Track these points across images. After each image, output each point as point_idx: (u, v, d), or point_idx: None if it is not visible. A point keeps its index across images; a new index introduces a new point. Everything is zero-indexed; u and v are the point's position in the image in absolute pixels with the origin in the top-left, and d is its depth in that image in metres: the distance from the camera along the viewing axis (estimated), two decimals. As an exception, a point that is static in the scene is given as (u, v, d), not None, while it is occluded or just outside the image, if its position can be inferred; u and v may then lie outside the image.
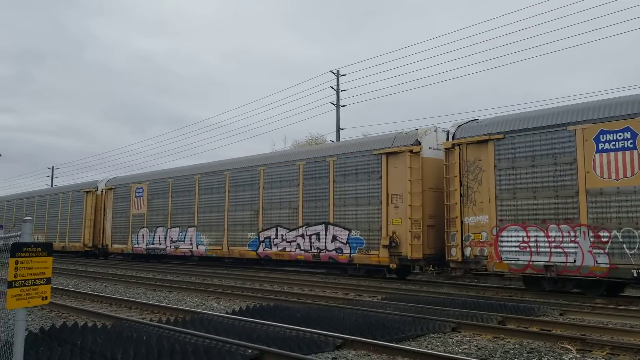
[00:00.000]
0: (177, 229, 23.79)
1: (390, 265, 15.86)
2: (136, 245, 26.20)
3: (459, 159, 14.37)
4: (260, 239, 19.83)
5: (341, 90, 32.45)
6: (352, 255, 16.85)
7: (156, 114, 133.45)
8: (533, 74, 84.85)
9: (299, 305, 10.70)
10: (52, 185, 60.54)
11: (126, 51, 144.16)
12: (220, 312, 9.74)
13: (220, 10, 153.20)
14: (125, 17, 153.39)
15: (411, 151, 15.59)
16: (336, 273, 18.40)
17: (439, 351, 6.70)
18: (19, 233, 4.38)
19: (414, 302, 10.91)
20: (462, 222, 14.18)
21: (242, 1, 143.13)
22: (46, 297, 4.35)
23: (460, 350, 6.89)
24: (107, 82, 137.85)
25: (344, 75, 32.63)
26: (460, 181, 14.31)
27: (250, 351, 6.24)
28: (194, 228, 22.89)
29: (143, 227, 25.86)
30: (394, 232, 15.73)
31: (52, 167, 66.18)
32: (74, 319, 9.08)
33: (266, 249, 19.54)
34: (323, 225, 17.76)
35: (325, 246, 17.56)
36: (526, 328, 8.24)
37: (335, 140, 30.46)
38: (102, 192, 29.40)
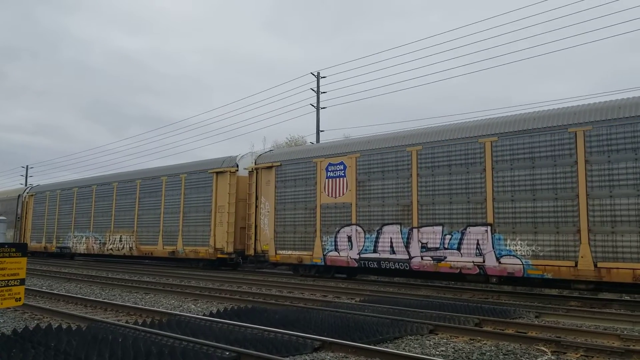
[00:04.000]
0: (440, 228, 14.58)
1: None
2: (333, 253, 16.95)
3: None
4: None
5: (321, 92, 32.61)
6: None
7: (134, 113, 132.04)
8: (511, 79, 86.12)
9: (277, 307, 10.67)
10: (26, 185, 59.38)
11: (104, 49, 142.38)
12: (197, 314, 9.66)
13: (200, 9, 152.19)
14: (104, 15, 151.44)
15: None
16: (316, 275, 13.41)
17: (417, 353, 6.74)
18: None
19: (392, 304, 10.95)
20: None
21: (223, 1, 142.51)
22: (20, 298, 4.28)
23: (437, 352, 6.94)
24: (84, 81, 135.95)
25: (324, 77, 32.88)
26: None
27: (227, 353, 6.21)
28: (487, 227, 13.63)
29: (349, 225, 16.66)
30: None
31: (27, 166, 65.13)
32: (48, 321, 8.91)
33: None
34: None
35: None
36: (502, 330, 8.34)
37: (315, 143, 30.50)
38: (252, 171, 19.90)
